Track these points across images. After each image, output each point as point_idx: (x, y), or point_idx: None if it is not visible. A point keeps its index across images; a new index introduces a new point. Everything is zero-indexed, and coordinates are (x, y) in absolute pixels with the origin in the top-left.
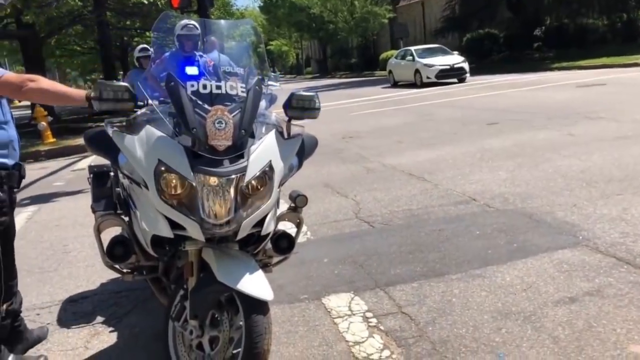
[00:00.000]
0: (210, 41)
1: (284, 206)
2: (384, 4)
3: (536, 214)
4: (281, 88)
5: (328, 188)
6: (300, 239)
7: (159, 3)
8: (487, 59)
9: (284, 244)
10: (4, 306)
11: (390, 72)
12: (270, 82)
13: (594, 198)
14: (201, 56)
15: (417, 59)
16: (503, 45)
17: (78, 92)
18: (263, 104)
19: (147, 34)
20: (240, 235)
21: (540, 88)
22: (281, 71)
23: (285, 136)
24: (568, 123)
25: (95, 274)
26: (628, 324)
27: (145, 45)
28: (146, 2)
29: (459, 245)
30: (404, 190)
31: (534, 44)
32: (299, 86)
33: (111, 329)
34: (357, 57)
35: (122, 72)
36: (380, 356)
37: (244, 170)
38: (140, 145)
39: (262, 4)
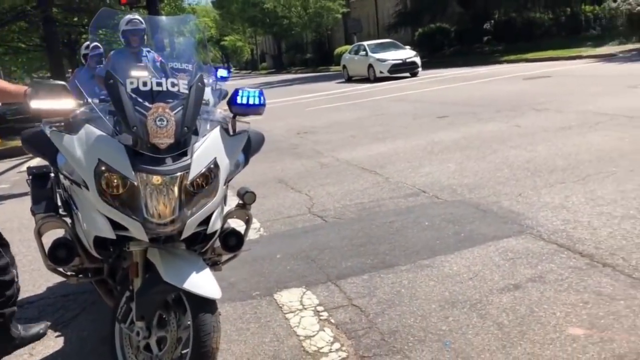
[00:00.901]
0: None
1: (233, 203)
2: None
3: (483, 204)
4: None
5: (282, 184)
6: (253, 236)
7: None
8: (438, 53)
9: (233, 241)
10: None
11: (344, 67)
12: (220, 77)
13: (538, 187)
14: (149, 51)
15: (370, 54)
16: (454, 39)
17: (17, 88)
18: (212, 100)
19: (98, 31)
20: (185, 235)
21: (490, 81)
22: (236, 66)
23: (231, 133)
24: (515, 115)
25: (42, 277)
26: (567, 308)
27: (95, 43)
28: None
29: (409, 237)
30: (357, 184)
31: (483, 38)
32: (255, 82)
33: (58, 334)
34: (312, 52)
35: (70, 70)
36: (331, 349)
37: (187, 168)
38: (80, 145)
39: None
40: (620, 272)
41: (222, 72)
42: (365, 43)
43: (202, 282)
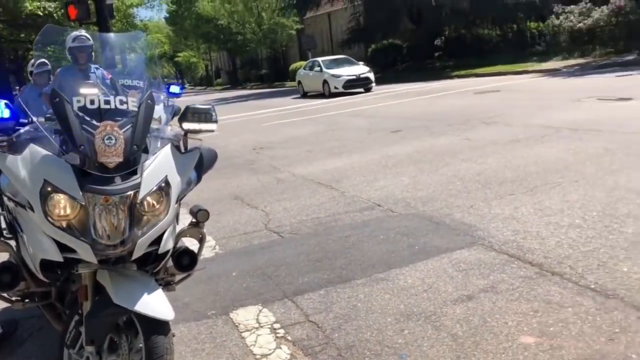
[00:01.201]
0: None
1: (186, 221)
2: (291, 16)
3: (436, 216)
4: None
5: (238, 200)
6: (209, 254)
7: (55, 15)
8: (391, 68)
9: (186, 260)
10: None
11: (299, 82)
12: (172, 93)
13: (488, 199)
14: (97, 68)
15: (324, 69)
16: (406, 55)
17: None
18: (164, 116)
19: (47, 47)
20: (135, 255)
21: (442, 95)
22: (190, 82)
23: (182, 150)
24: (466, 128)
25: None
26: (518, 317)
27: (42, 60)
28: (41, 13)
29: (364, 251)
30: (313, 199)
31: (435, 54)
32: (210, 97)
33: None
34: (267, 68)
35: (17, 88)
36: None
37: (137, 186)
38: (24, 165)
39: (167, 16)
40: (567, 280)
41: (174, 89)
42: (320, 59)
43: (153, 304)
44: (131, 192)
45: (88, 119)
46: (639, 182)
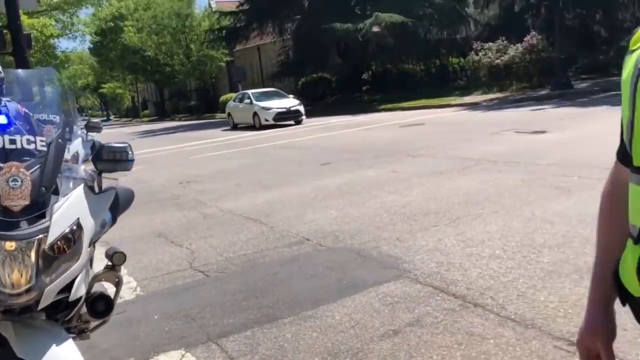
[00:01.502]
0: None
1: (103, 264)
2: (220, 48)
3: (364, 249)
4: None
5: (162, 238)
6: (129, 296)
7: None
8: (321, 101)
9: (101, 306)
10: None
11: (229, 114)
12: (92, 127)
13: (414, 231)
14: (9, 101)
15: (254, 102)
16: (336, 88)
17: None
18: (82, 152)
19: None
20: (42, 304)
21: (370, 128)
22: (116, 114)
23: (96, 190)
24: (392, 161)
25: None
26: (443, 350)
27: None
28: None
29: (293, 288)
30: (241, 235)
31: (363, 87)
32: (136, 130)
33: None
34: (196, 100)
35: None
36: None
37: (45, 230)
38: None
39: (91, 46)
40: (489, 311)
41: (94, 122)
42: (250, 91)
43: (62, 355)
44: (39, 237)
45: None
46: (553, 212)
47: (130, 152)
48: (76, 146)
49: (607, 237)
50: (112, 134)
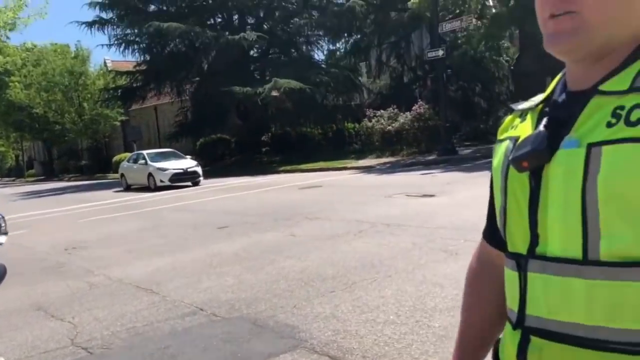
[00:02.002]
0: None
1: None
2: (115, 107)
3: (260, 319)
4: None
5: (41, 311)
6: None
7: None
8: (220, 162)
9: None
10: None
11: (122, 175)
12: None
13: (311, 297)
14: None
15: (150, 162)
16: (235, 149)
17: None
18: None
19: None
20: None
21: (268, 190)
22: None
23: None
24: (291, 224)
25: None
26: None
27: None
28: None
29: None
30: (130, 306)
31: (262, 149)
32: (19, 190)
33: None
34: (88, 159)
35: None
36: None
37: None
38: None
39: None
40: None
41: None
42: (145, 152)
43: None
44: None
45: None
46: (442, 275)
47: (3, 225)
48: None
49: (474, 316)
50: None
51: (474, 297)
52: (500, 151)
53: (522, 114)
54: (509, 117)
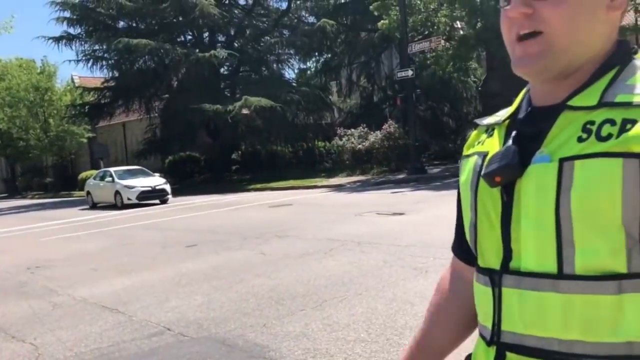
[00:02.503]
0: None
1: None
2: (82, 124)
3: (229, 338)
4: None
5: (0, 332)
6: None
7: None
8: (189, 180)
9: None
10: None
11: (88, 193)
12: None
13: (281, 316)
14: None
15: (117, 180)
16: (204, 167)
17: None
18: None
19: None
20: None
21: (238, 208)
22: None
23: None
24: (261, 242)
25: None
26: None
27: None
28: None
29: None
30: (95, 326)
31: (232, 167)
32: None
33: None
34: (52, 176)
35: None
36: None
37: None
38: None
39: None
40: None
41: None
42: (112, 169)
43: None
44: None
45: None
46: (412, 293)
47: None
48: None
49: (435, 328)
50: None
51: (438, 308)
52: (468, 167)
53: (488, 129)
54: (474, 133)
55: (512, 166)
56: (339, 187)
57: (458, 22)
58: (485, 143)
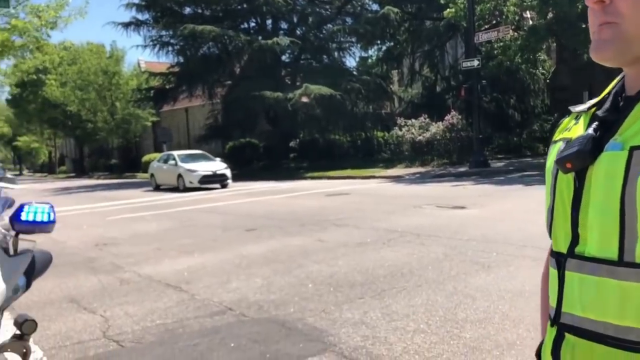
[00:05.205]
0: None
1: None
2: (147, 108)
3: (289, 321)
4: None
5: (73, 303)
6: None
7: None
8: (248, 166)
9: None
10: None
11: (152, 175)
12: (4, 184)
13: (340, 302)
14: None
15: (180, 163)
16: (263, 154)
17: None
18: None
19: None
20: None
21: (296, 196)
22: (30, 169)
23: (11, 252)
24: (318, 229)
25: None
26: None
27: None
28: None
29: None
30: (159, 303)
31: (290, 154)
32: (51, 186)
33: None
34: (118, 158)
35: None
36: None
37: None
38: None
39: (9, 97)
40: None
41: (8, 177)
42: (175, 153)
43: None
44: None
45: None
46: (474, 287)
47: (52, 213)
48: None
49: (545, 318)
50: (26, 189)
51: (544, 299)
52: (553, 152)
53: (577, 117)
54: (566, 119)
55: (582, 152)
56: (397, 178)
57: (528, 11)
58: (572, 129)
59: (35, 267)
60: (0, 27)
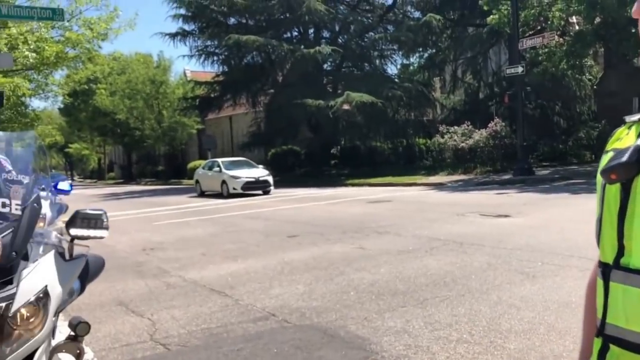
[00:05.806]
0: None
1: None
2: (192, 116)
3: (331, 328)
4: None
5: (122, 307)
6: None
7: None
8: (290, 173)
9: None
10: None
11: (197, 181)
12: (60, 189)
13: (382, 310)
14: None
15: (224, 170)
16: (305, 161)
17: None
18: (49, 214)
19: None
20: None
21: (337, 202)
22: (80, 175)
23: (67, 257)
24: (360, 237)
25: None
26: None
27: None
28: None
29: None
30: (204, 307)
31: (331, 161)
32: (100, 192)
33: None
34: (164, 165)
35: None
36: None
37: (10, 298)
38: None
39: (62, 106)
40: None
41: (63, 185)
42: (220, 160)
43: None
44: (3, 304)
45: None
46: (518, 297)
47: (105, 220)
48: (44, 207)
49: (587, 328)
50: (76, 195)
51: (587, 309)
52: (603, 162)
53: (630, 127)
54: (620, 129)
55: (626, 164)
56: (439, 186)
57: (574, 16)
58: (623, 140)
59: (89, 272)
60: (55, 40)
